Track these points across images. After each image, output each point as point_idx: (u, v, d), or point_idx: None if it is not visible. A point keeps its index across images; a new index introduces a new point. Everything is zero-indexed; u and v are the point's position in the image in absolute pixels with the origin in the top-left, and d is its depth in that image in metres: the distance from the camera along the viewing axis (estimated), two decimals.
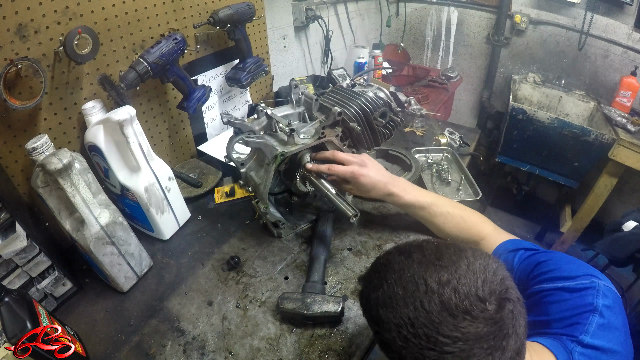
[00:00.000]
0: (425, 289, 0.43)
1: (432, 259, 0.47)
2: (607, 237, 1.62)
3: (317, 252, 0.84)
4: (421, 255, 0.48)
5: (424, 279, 0.44)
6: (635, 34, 1.96)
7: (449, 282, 0.43)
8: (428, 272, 0.45)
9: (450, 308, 0.41)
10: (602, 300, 0.52)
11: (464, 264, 0.45)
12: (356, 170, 0.83)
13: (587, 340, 0.50)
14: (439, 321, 0.41)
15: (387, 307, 0.46)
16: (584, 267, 0.58)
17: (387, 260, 0.51)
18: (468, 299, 0.42)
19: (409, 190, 0.85)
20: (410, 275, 0.46)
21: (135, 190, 0.85)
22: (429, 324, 0.42)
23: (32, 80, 0.78)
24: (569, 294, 0.54)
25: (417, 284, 0.44)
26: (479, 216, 0.82)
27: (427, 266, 0.46)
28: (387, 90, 1.10)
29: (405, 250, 0.51)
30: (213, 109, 1.30)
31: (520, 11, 2.26)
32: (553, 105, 2.29)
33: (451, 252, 0.47)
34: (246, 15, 1.16)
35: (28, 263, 0.72)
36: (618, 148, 1.79)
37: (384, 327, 0.46)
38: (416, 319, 0.42)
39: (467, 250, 0.48)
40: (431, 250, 0.48)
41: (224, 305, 0.79)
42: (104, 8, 0.88)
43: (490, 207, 2.55)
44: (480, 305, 0.42)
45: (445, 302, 0.42)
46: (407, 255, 0.49)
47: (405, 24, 2.59)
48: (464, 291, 0.42)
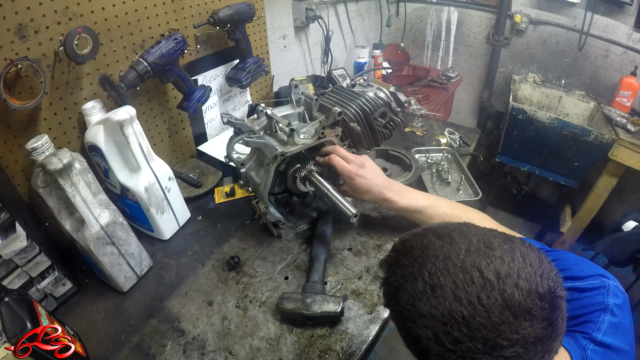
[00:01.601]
0: (482, 282, 0.37)
1: (482, 246, 0.41)
2: (607, 237, 1.62)
3: (317, 252, 0.84)
4: (467, 241, 0.42)
5: (479, 270, 0.38)
6: (635, 34, 1.96)
7: (508, 275, 0.38)
8: (482, 262, 0.39)
9: (514, 306, 0.36)
10: (613, 300, 0.52)
11: (518, 254, 0.40)
12: (354, 170, 0.83)
13: (600, 337, 0.49)
14: (500, 322, 0.36)
15: (429, 302, 0.39)
16: (592, 267, 0.58)
17: (422, 245, 0.44)
18: (530, 296, 0.37)
19: (405, 195, 0.84)
20: (460, 265, 0.39)
21: (135, 190, 0.85)
22: (488, 325, 0.36)
23: (32, 80, 0.78)
24: (580, 294, 0.54)
25: (471, 276, 0.38)
26: (479, 214, 0.82)
27: (479, 255, 0.40)
28: (387, 90, 1.10)
29: (444, 233, 0.44)
30: (213, 109, 1.30)
31: (520, 11, 2.26)
32: (553, 105, 2.29)
33: (499, 239, 0.42)
34: (246, 15, 1.16)
35: (28, 263, 0.72)
36: (618, 148, 1.79)
37: (422, 324, 0.40)
38: (472, 318, 0.37)
39: (515, 238, 0.43)
40: (477, 236, 0.42)
41: (224, 305, 0.79)
42: (104, 8, 0.88)
43: (490, 207, 2.55)
44: (540, 303, 0.37)
45: (508, 299, 0.37)
46: (449, 240, 0.43)
47: (405, 24, 2.59)
48: (526, 287, 0.37)
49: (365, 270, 0.85)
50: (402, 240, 0.49)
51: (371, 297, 0.78)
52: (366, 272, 0.84)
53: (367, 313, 0.75)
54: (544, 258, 0.41)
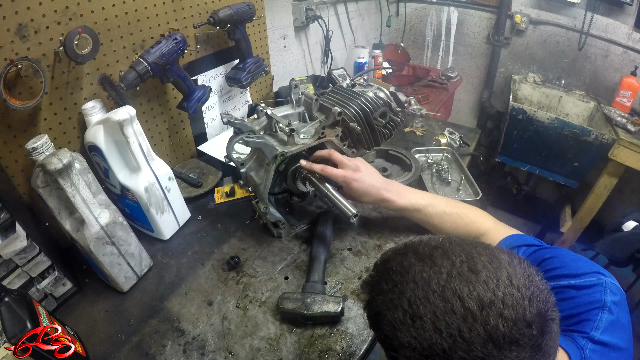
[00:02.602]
0: (463, 313, 0.35)
1: (465, 269, 0.38)
2: (607, 237, 1.63)
3: (317, 252, 0.84)
4: (449, 263, 0.39)
5: (460, 299, 0.36)
6: (635, 34, 1.96)
7: (492, 303, 0.35)
8: (464, 289, 0.36)
9: (497, 339, 0.34)
10: (610, 297, 0.51)
11: (505, 276, 0.37)
12: (349, 175, 0.82)
13: (598, 336, 0.49)
14: (482, 356, 0.34)
15: (409, 332, 0.37)
16: (589, 264, 0.57)
17: (402, 267, 0.42)
18: (516, 325, 0.35)
19: (403, 194, 0.84)
20: (440, 292, 0.37)
21: (135, 190, 0.85)
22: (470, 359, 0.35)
23: (32, 80, 0.78)
24: (576, 291, 0.53)
25: (452, 305, 0.36)
26: (478, 211, 0.82)
27: (461, 280, 0.37)
28: (387, 90, 1.10)
29: (425, 254, 0.42)
30: (213, 109, 1.30)
31: (520, 11, 2.27)
32: (553, 105, 2.29)
33: (484, 258, 0.39)
34: (246, 15, 1.16)
35: (28, 263, 0.72)
36: (618, 148, 1.79)
37: (403, 354, 0.38)
38: (453, 352, 0.35)
39: (501, 255, 0.40)
40: (461, 257, 0.40)
41: (224, 305, 0.79)
42: (104, 8, 0.88)
43: (490, 207, 2.55)
44: (528, 331, 0.35)
45: (491, 332, 0.34)
46: (429, 262, 0.40)
47: (405, 24, 2.59)
48: (512, 316, 0.35)
49: (365, 270, 0.84)
50: (383, 259, 0.47)
51: None
52: (366, 272, 0.84)
53: None
54: (534, 276, 0.39)
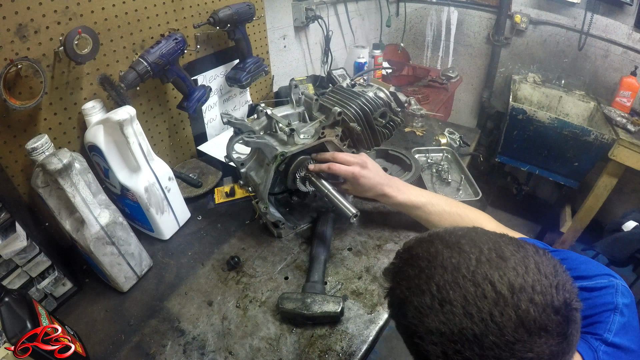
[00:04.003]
0: (495, 297, 0.35)
1: (494, 256, 0.37)
2: (607, 237, 1.63)
3: (317, 252, 0.84)
4: (477, 250, 0.39)
5: (492, 284, 0.35)
6: (635, 34, 1.96)
7: (523, 288, 0.35)
8: (495, 274, 0.36)
9: (528, 323, 0.34)
10: (621, 299, 0.51)
11: (533, 264, 0.37)
12: (357, 172, 0.84)
13: (611, 338, 0.48)
14: (514, 340, 0.34)
15: (438, 317, 0.37)
16: (599, 266, 0.57)
17: (429, 254, 0.41)
18: (545, 311, 0.34)
19: (403, 190, 0.85)
20: (471, 277, 0.36)
21: (135, 190, 0.85)
22: (502, 345, 0.34)
23: (32, 80, 0.78)
24: (588, 294, 0.52)
25: (483, 290, 0.35)
26: (479, 213, 0.82)
27: (491, 265, 0.37)
28: (387, 90, 1.10)
29: (452, 241, 0.41)
30: (213, 109, 1.30)
31: (520, 11, 2.27)
32: (553, 105, 2.29)
33: (511, 247, 0.39)
34: (246, 15, 1.16)
35: (28, 263, 0.72)
36: (618, 148, 1.79)
37: (430, 340, 0.37)
38: (484, 337, 0.34)
39: (526, 245, 0.40)
40: (488, 244, 0.39)
41: (224, 305, 0.79)
42: (104, 8, 0.88)
43: (490, 207, 2.55)
44: (556, 318, 0.35)
45: (523, 316, 0.34)
46: (457, 249, 0.40)
47: (405, 24, 2.59)
48: (541, 301, 0.34)
49: (365, 270, 0.85)
50: (407, 247, 0.46)
51: (371, 297, 0.78)
52: (366, 272, 0.84)
53: (367, 313, 0.75)
54: (559, 267, 0.39)
